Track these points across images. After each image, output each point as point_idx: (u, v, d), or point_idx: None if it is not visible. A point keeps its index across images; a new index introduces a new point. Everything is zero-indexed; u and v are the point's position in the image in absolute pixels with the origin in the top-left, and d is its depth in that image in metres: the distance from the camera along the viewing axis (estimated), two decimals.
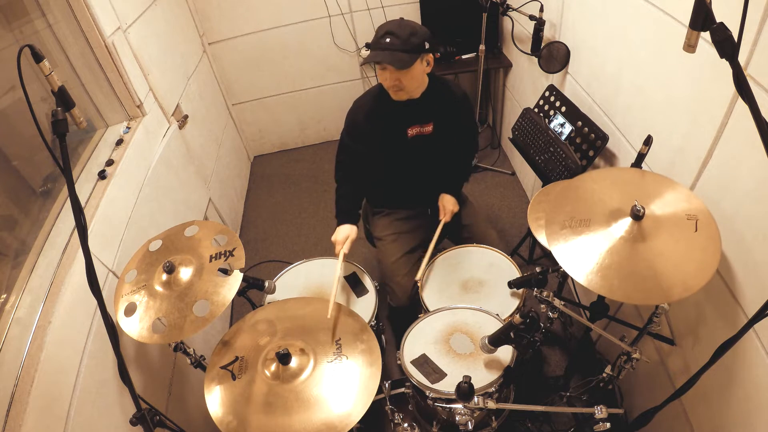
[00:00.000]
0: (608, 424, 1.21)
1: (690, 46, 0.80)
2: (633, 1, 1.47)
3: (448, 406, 1.35)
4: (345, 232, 1.70)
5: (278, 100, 3.47)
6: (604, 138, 1.75)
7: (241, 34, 3.11)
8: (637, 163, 1.43)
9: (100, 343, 1.35)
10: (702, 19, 0.75)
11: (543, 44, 2.17)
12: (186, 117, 2.44)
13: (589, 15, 1.84)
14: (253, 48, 3.17)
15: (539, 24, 2.14)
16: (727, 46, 0.73)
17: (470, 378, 1.23)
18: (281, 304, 1.48)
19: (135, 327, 1.26)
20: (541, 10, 2.14)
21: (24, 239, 1.45)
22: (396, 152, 1.73)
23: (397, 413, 1.53)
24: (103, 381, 1.34)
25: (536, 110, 2.16)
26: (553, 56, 2.09)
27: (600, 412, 1.23)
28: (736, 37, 0.73)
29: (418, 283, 1.69)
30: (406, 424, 1.50)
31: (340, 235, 1.70)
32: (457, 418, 1.30)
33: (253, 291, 1.53)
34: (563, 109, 2.00)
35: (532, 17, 2.17)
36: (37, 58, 0.89)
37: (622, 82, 1.65)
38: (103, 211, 1.55)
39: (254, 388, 1.22)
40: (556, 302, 1.39)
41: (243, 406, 1.19)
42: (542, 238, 1.47)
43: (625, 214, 1.13)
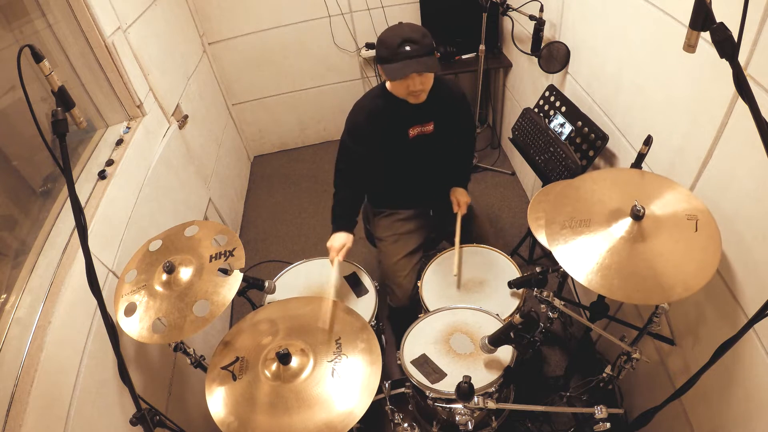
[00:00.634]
0: (608, 424, 1.21)
1: (690, 46, 0.80)
2: (633, 1, 1.47)
3: (448, 406, 1.35)
4: (341, 240, 1.67)
5: (278, 100, 3.47)
6: (604, 138, 1.75)
7: (241, 34, 3.11)
8: (637, 163, 1.43)
9: (100, 343, 1.35)
10: (702, 19, 0.75)
11: (543, 44, 2.17)
12: (186, 117, 2.44)
13: (589, 15, 1.84)
14: (253, 48, 3.17)
15: (539, 24, 2.14)
16: (727, 46, 0.73)
17: (470, 378, 1.23)
18: (283, 304, 1.48)
19: (135, 327, 1.26)
20: (541, 10, 2.14)
21: (24, 239, 1.45)
22: (397, 153, 1.72)
23: (397, 413, 1.53)
24: (103, 381, 1.34)
25: (536, 110, 2.16)
26: (553, 56, 2.09)
27: (600, 412, 1.23)
28: (736, 37, 0.73)
29: (455, 276, 1.68)
30: (406, 424, 1.50)
31: (336, 242, 1.66)
32: (457, 418, 1.30)
33: (253, 291, 1.53)
34: (563, 109, 2.00)
35: (532, 17, 2.17)
36: (37, 58, 0.89)
37: (622, 82, 1.65)
38: (103, 211, 1.55)
39: (255, 388, 1.22)
40: (556, 302, 1.39)
41: (244, 406, 1.19)
42: (542, 238, 1.47)
43: (625, 214, 1.13)
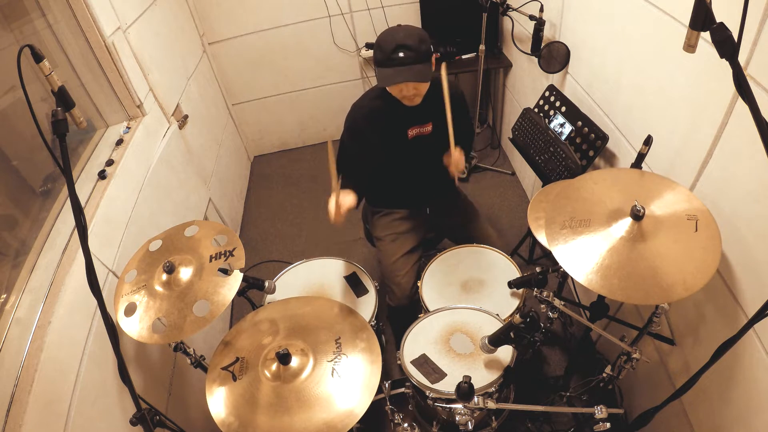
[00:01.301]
0: (608, 424, 1.22)
1: (690, 46, 0.80)
2: (633, 1, 1.47)
3: (448, 406, 1.35)
4: (345, 195, 1.58)
5: (278, 100, 3.47)
6: (604, 138, 1.75)
7: (241, 34, 3.11)
8: (637, 164, 1.43)
9: (100, 343, 1.35)
10: (702, 19, 0.75)
11: (543, 44, 2.17)
12: (186, 117, 2.44)
13: (589, 15, 1.84)
14: (253, 48, 3.17)
15: (539, 24, 2.14)
16: (727, 46, 0.73)
17: (470, 378, 1.23)
18: (283, 304, 1.48)
19: (135, 327, 1.26)
20: (541, 10, 2.13)
21: (24, 239, 1.45)
22: (397, 154, 1.72)
23: (397, 413, 1.53)
24: (103, 381, 1.34)
25: (536, 110, 2.16)
26: (553, 56, 2.09)
27: (600, 412, 1.23)
28: (736, 37, 0.73)
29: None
30: (406, 424, 1.50)
31: (339, 197, 1.54)
32: (457, 418, 1.30)
33: (253, 291, 1.53)
34: (563, 109, 2.00)
35: (532, 17, 2.17)
36: (37, 58, 0.89)
37: (622, 82, 1.65)
38: (103, 211, 1.55)
39: (255, 388, 1.22)
40: (556, 302, 1.39)
41: (244, 407, 1.19)
42: (542, 238, 1.47)
43: (625, 214, 1.13)
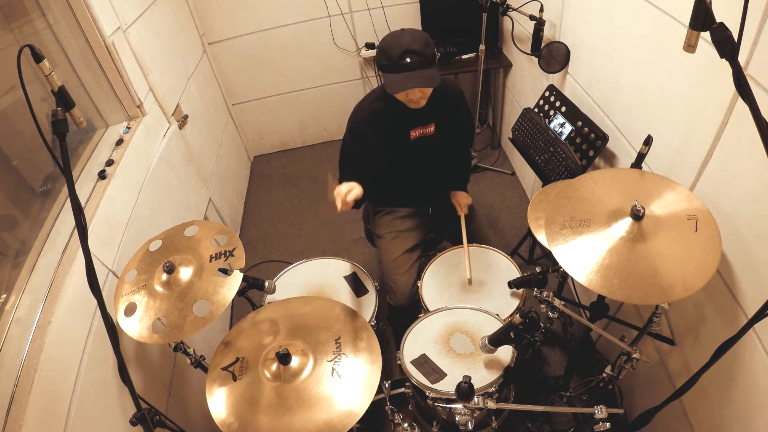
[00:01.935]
0: (608, 424, 1.22)
1: (690, 46, 0.80)
2: (633, 1, 1.47)
3: (448, 406, 1.35)
4: (349, 185, 1.50)
5: (278, 100, 3.47)
6: (604, 138, 1.75)
7: (241, 34, 3.11)
8: (637, 163, 1.43)
9: (100, 343, 1.35)
10: (702, 19, 0.75)
11: (543, 44, 2.17)
12: (186, 117, 2.44)
13: (589, 15, 1.84)
14: (253, 48, 3.17)
15: (539, 24, 2.14)
16: (727, 46, 0.73)
17: (470, 378, 1.23)
18: (283, 304, 1.48)
19: (135, 327, 1.26)
20: (541, 10, 2.13)
21: (24, 239, 1.45)
22: (399, 154, 1.72)
23: (397, 413, 1.53)
24: (103, 381, 1.34)
25: (536, 110, 2.16)
26: (553, 56, 2.09)
27: (600, 412, 1.23)
28: (736, 37, 0.73)
29: (468, 279, 1.67)
30: (406, 424, 1.50)
31: (343, 187, 1.47)
32: (457, 418, 1.30)
33: (253, 291, 1.53)
34: (563, 109, 2.00)
35: (532, 17, 2.17)
36: (37, 58, 0.89)
37: (622, 82, 1.65)
38: (103, 211, 1.55)
39: (255, 388, 1.22)
40: (556, 302, 1.39)
41: (244, 407, 1.19)
42: (542, 238, 1.47)
43: (625, 214, 1.13)
